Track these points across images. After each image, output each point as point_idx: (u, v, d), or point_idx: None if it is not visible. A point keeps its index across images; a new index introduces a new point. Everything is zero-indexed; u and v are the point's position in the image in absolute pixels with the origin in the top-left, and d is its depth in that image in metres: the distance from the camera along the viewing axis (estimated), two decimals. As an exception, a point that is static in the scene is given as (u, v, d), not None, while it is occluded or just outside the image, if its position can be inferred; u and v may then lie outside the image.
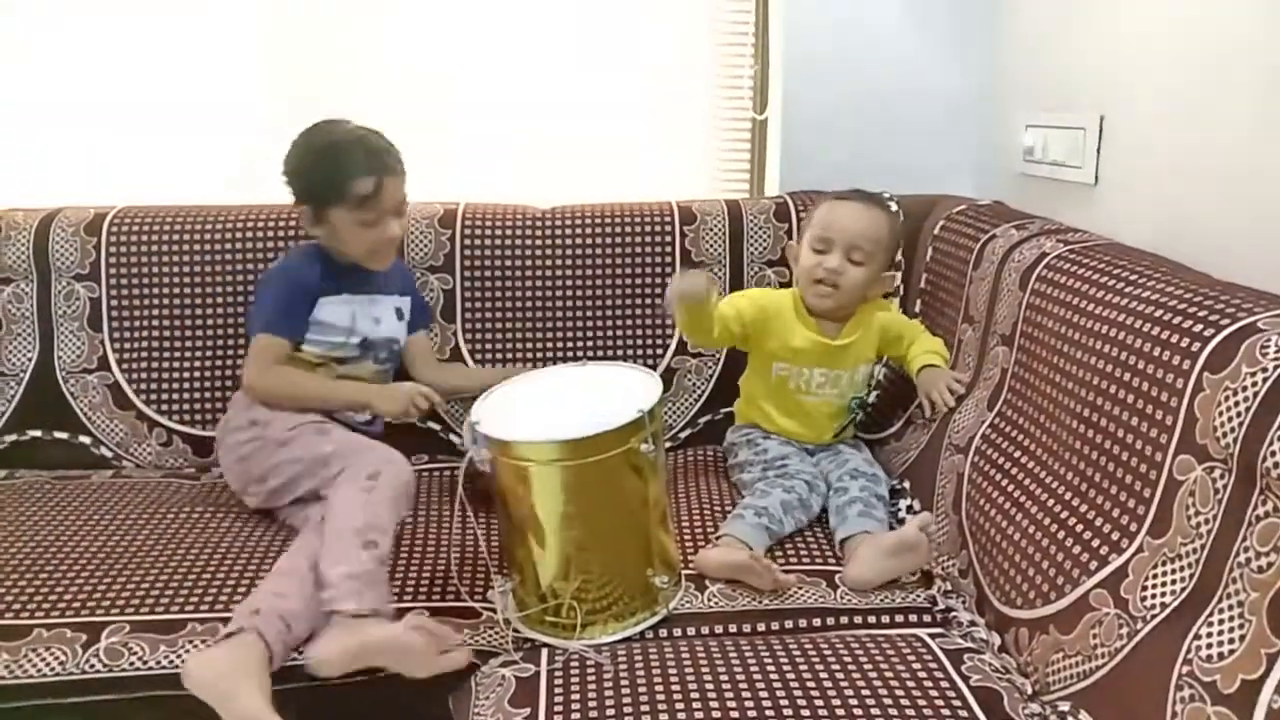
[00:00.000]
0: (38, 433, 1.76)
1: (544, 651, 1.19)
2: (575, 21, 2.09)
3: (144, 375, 1.77)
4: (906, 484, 1.60)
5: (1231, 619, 0.90)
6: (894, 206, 1.75)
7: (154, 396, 1.76)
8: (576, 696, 1.08)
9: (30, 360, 1.77)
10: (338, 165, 1.53)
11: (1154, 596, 1.01)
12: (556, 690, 1.10)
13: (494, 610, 1.28)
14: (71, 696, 1.18)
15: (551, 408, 1.31)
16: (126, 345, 1.78)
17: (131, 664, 1.20)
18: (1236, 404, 0.95)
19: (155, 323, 1.78)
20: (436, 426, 1.81)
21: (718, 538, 1.41)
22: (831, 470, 1.56)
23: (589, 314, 1.86)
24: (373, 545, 1.27)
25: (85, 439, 1.77)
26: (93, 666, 1.20)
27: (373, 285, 1.65)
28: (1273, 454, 0.89)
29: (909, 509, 1.54)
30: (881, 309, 1.69)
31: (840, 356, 1.63)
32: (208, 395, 1.78)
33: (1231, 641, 0.89)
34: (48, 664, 1.19)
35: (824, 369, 1.62)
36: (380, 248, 1.59)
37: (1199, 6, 1.36)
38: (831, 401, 1.64)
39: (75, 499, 1.58)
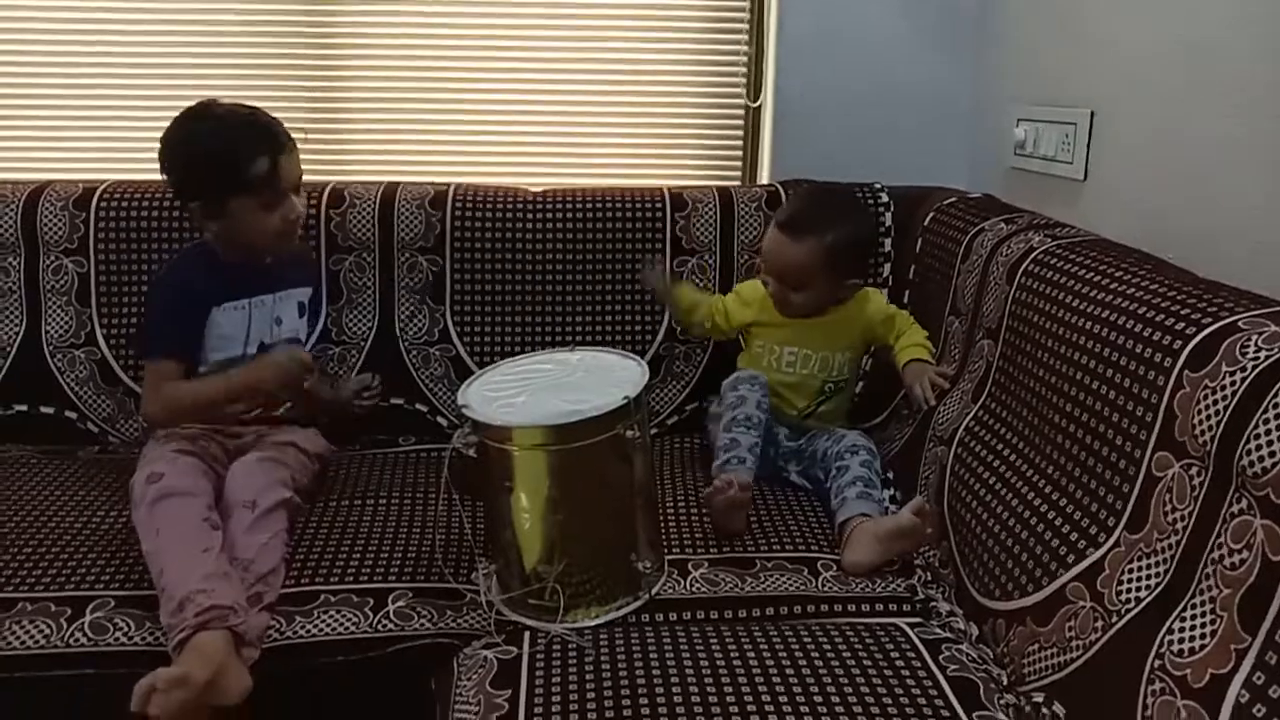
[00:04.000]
0: (24, 407, 1.76)
1: (526, 634, 1.20)
2: (570, 4, 2.08)
3: (132, 351, 1.77)
4: (891, 474, 1.61)
5: (1203, 614, 0.92)
6: (841, 225, 1.60)
7: (142, 372, 1.75)
8: (558, 679, 1.09)
9: (17, 334, 1.77)
10: (228, 150, 1.44)
11: (1129, 591, 1.02)
12: (538, 673, 1.11)
13: (477, 592, 1.29)
14: (55, 670, 1.19)
15: (538, 392, 1.31)
16: (115, 320, 1.77)
17: (117, 639, 1.21)
18: (1215, 402, 0.97)
19: (144, 298, 1.76)
20: (424, 408, 1.82)
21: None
22: (830, 447, 1.56)
23: (578, 298, 1.86)
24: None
25: (72, 414, 1.76)
26: (77, 641, 1.20)
27: (270, 281, 1.58)
28: (1248, 452, 0.90)
29: (892, 498, 1.55)
30: (869, 299, 1.70)
31: (810, 337, 1.65)
32: (195, 372, 1.77)
33: (1203, 637, 0.91)
34: (32, 637, 1.20)
35: (794, 347, 1.65)
36: (286, 229, 1.52)
37: (1189, 6, 1.37)
38: (801, 381, 1.66)
39: (61, 474, 1.58)
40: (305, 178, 1.56)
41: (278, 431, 1.55)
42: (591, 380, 1.31)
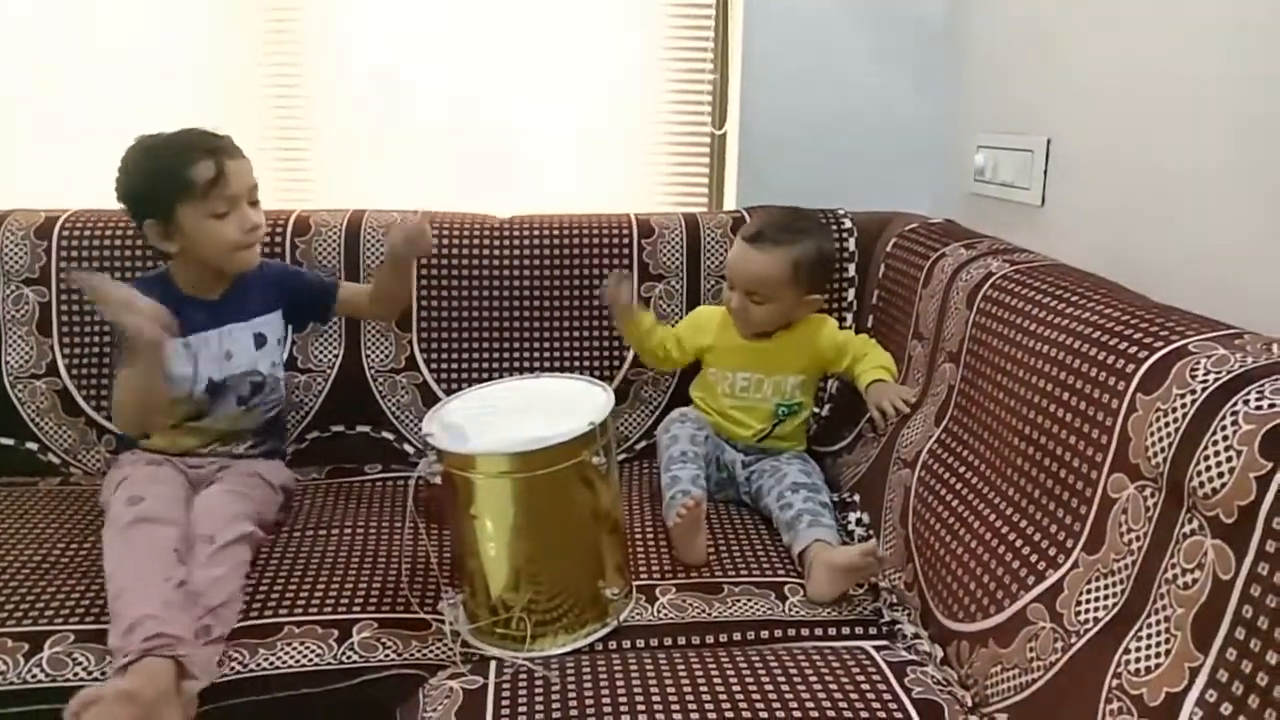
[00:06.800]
0: (-17, 438, 1.74)
1: (492, 664, 1.19)
2: (536, 34, 2.10)
3: (94, 381, 1.75)
4: (856, 497, 1.62)
5: (1158, 633, 0.93)
6: (805, 240, 1.64)
7: (104, 403, 1.74)
8: (524, 709, 1.08)
9: (-23, 365, 1.75)
10: (172, 156, 1.43)
11: (1087, 611, 1.04)
12: (504, 703, 1.10)
13: (443, 622, 1.29)
14: (12, 707, 1.17)
15: (504, 419, 1.31)
16: (76, 351, 1.76)
17: (75, 674, 1.19)
18: (1166, 424, 0.99)
19: (106, 328, 1.75)
20: (390, 436, 1.81)
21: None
22: (771, 486, 1.58)
23: (546, 324, 1.86)
24: None
25: (32, 445, 1.74)
26: (35, 677, 1.18)
27: (220, 315, 1.53)
28: (1198, 474, 0.92)
29: (858, 521, 1.56)
30: (821, 325, 1.73)
31: (764, 360, 1.67)
32: (159, 402, 1.75)
33: (1158, 655, 0.92)
34: (-12, 674, 1.18)
35: (747, 372, 1.68)
36: (245, 241, 1.47)
37: (1144, 38, 1.40)
38: (755, 405, 1.69)
39: (21, 506, 1.56)
40: (270, 206, 1.56)
41: (241, 462, 1.54)
42: (556, 407, 1.32)
